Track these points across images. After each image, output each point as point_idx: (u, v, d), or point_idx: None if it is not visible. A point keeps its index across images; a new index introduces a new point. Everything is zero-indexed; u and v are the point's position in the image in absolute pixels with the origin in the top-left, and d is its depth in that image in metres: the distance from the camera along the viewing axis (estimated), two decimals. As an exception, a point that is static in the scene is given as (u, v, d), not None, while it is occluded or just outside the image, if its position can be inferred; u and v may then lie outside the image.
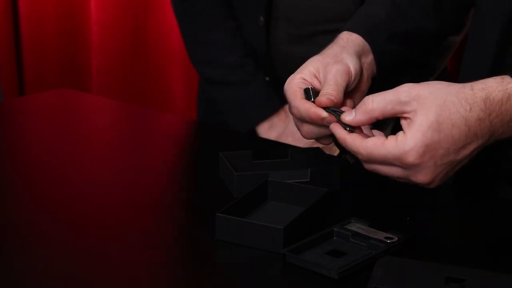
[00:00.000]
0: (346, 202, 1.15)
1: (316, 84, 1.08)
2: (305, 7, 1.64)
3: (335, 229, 1.02)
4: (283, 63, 1.66)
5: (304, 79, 1.09)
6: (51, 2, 2.58)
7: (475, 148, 0.97)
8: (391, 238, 1.00)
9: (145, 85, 2.55)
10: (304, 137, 1.09)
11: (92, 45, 2.55)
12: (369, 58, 1.17)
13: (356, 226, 1.03)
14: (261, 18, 1.63)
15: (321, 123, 1.04)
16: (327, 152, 1.35)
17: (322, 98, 1.04)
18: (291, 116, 1.68)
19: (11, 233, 1.05)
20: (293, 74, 1.10)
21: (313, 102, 1.05)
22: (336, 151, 1.61)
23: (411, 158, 0.95)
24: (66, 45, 2.63)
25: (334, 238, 1.02)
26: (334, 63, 1.09)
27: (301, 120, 1.07)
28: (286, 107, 1.68)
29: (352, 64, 1.10)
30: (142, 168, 1.31)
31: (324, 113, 1.03)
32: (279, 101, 1.65)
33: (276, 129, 1.65)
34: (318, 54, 1.13)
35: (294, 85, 1.08)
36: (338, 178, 1.17)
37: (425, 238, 1.07)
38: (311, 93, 1.06)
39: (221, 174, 1.21)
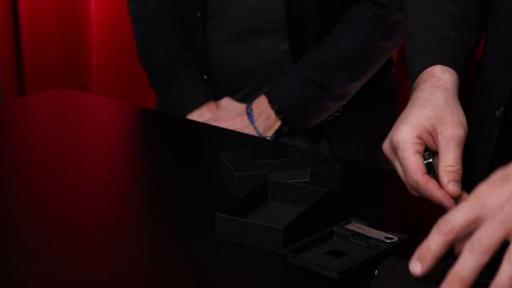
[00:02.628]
0: (346, 202, 1.15)
1: (431, 143, 1.01)
2: (236, 6, 1.67)
3: (335, 229, 1.02)
4: (218, 62, 1.72)
5: (420, 138, 1.00)
6: (51, 2, 2.58)
7: None
8: (391, 238, 1.00)
9: (145, 85, 2.55)
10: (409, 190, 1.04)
11: (92, 45, 2.55)
12: None
13: (356, 226, 1.03)
14: (198, 14, 1.68)
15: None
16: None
17: (452, 188, 0.97)
18: (220, 106, 1.73)
19: (11, 233, 1.05)
20: (405, 127, 1.00)
21: (434, 176, 0.99)
22: None
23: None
24: (66, 45, 2.62)
25: (334, 238, 1.02)
26: (455, 125, 0.99)
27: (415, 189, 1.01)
28: (219, 102, 1.74)
29: (466, 123, 1.01)
30: (142, 168, 1.31)
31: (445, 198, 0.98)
32: (212, 95, 1.75)
33: (205, 117, 1.73)
34: (428, 104, 1.02)
35: (412, 149, 0.99)
36: (338, 178, 1.17)
37: (425, 238, 1.07)
38: (434, 168, 1.00)
39: (221, 174, 1.21)
